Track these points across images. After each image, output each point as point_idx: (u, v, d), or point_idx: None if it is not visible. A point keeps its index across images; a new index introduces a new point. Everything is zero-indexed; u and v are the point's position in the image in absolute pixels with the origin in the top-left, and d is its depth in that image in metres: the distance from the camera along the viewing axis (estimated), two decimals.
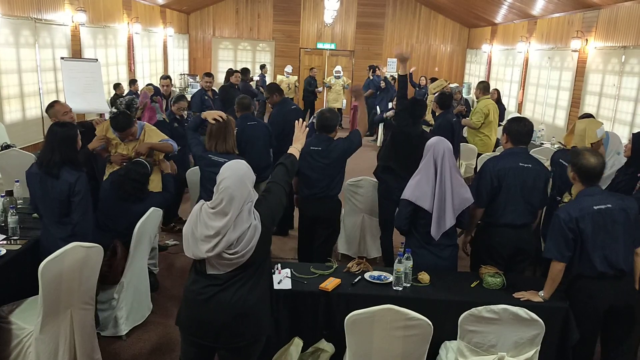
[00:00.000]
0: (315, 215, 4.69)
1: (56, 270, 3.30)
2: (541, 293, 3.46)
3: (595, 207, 3.32)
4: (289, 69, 15.15)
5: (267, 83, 7.20)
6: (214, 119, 4.48)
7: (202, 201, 2.77)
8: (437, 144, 3.79)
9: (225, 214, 2.64)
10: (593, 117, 6.24)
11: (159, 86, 9.54)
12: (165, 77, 9.54)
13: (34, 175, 3.84)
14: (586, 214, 3.31)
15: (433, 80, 13.01)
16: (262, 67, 15.03)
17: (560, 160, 4.50)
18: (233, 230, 2.65)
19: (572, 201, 3.49)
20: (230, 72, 10.65)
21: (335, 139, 4.66)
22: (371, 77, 13.83)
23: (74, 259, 3.39)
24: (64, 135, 3.81)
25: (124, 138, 4.90)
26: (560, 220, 3.35)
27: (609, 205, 3.33)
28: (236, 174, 2.71)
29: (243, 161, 2.86)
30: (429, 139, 3.93)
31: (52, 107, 4.92)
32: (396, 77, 15.04)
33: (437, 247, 3.83)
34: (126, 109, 5.96)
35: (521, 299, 3.45)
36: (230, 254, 2.66)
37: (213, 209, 2.67)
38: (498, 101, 10.14)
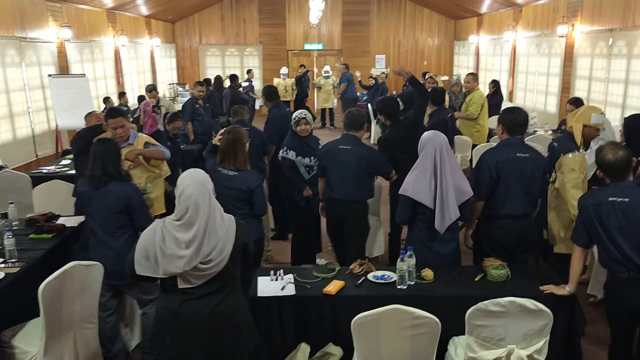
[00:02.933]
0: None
1: (56, 291, 3.25)
2: (567, 287, 3.41)
3: (610, 199, 3.24)
4: (284, 70, 15.05)
5: (264, 86, 7.12)
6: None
7: (160, 219, 2.72)
8: (434, 138, 3.77)
9: (192, 224, 2.61)
10: (581, 101, 6.24)
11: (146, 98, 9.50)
12: (150, 89, 9.49)
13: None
14: (598, 203, 3.26)
15: (424, 74, 13.03)
16: (249, 71, 14.98)
17: (554, 143, 4.41)
18: (207, 241, 2.62)
19: (597, 189, 3.50)
20: (219, 79, 10.63)
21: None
22: (345, 71, 14.40)
23: (74, 278, 3.35)
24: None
25: (120, 141, 4.84)
26: (578, 205, 3.40)
27: (626, 199, 3.21)
28: (197, 180, 2.69)
29: (199, 169, 2.84)
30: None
31: (90, 114, 5.63)
32: (387, 73, 15.07)
33: (439, 243, 3.80)
34: None
35: (545, 292, 3.42)
36: (204, 264, 2.62)
37: (179, 220, 2.63)
38: (497, 92, 10.16)
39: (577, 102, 6.20)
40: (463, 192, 3.76)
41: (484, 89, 11.66)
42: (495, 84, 10.27)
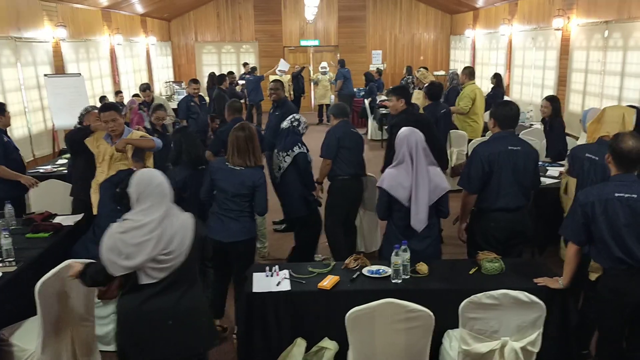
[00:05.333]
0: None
1: (53, 289, 3.28)
2: (560, 281, 3.39)
3: (616, 195, 3.10)
4: (283, 65, 14.95)
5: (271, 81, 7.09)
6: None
7: (115, 223, 2.78)
8: (410, 136, 3.79)
9: (147, 221, 2.70)
10: (557, 99, 6.33)
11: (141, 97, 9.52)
12: (144, 88, 9.50)
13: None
14: (605, 199, 3.11)
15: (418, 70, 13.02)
16: (254, 69, 14.94)
17: (588, 155, 3.99)
18: (168, 227, 2.72)
19: (598, 185, 3.35)
20: (213, 76, 10.59)
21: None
22: (340, 68, 14.43)
23: None
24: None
25: (114, 135, 4.84)
26: (577, 202, 3.25)
27: (634, 196, 3.08)
28: (150, 178, 2.78)
29: (154, 170, 2.97)
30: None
31: (88, 112, 5.48)
32: (382, 69, 15.07)
33: (416, 239, 3.78)
34: (84, 112, 5.88)
35: (539, 284, 3.41)
36: (164, 255, 2.70)
37: (133, 218, 2.71)
38: (498, 85, 10.16)
39: (553, 99, 6.29)
40: (438, 188, 3.78)
41: (481, 83, 11.68)
42: (497, 77, 10.28)
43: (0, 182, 5.26)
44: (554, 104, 6.23)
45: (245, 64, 15.53)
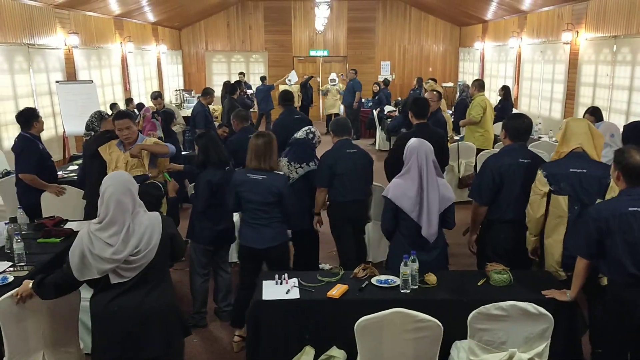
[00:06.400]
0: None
1: (14, 307, 3.11)
2: (568, 294, 3.38)
3: (630, 209, 3.08)
4: (293, 76, 15.01)
5: (280, 91, 7.11)
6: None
7: (85, 224, 2.84)
8: (419, 147, 3.79)
9: (116, 222, 2.73)
10: (599, 111, 6.17)
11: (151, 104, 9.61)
12: (156, 96, 9.59)
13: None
14: (618, 214, 3.09)
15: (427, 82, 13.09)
16: (263, 78, 15.03)
17: (573, 170, 3.78)
18: (134, 233, 2.75)
19: (609, 199, 3.33)
20: (227, 85, 10.68)
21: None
22: (354, 77, 14.23)
23: (35, 298, 3.11)
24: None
25: (127, 143, 4.88)
26: (588, 218, 3.22)
27: None
28: (118, 181, 2.82)
29: (122, 171, 3.01)
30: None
31: (105, 120, 5.67)
32: (389, 80, 15.11)
33: (423, 251, 3.77)
34: (98, 118, 5.93)
35: (547, 297, 3.40)
36: (133, 256, 2.75)
37: (103, 220, 2.75)
38: (506, 98, 10.17)
39: (595, 112, 6.17)
40: (445, 199, 3.78)
41: (490, 95, 11.70)
42: (505, 90, 10.29)
43: (26, 189, 5.39)
44: (599, 115, 6.17)
45: (241, 74, 15.53)
